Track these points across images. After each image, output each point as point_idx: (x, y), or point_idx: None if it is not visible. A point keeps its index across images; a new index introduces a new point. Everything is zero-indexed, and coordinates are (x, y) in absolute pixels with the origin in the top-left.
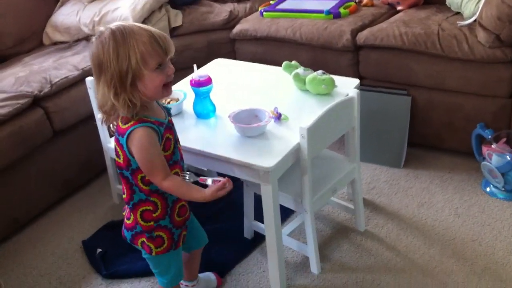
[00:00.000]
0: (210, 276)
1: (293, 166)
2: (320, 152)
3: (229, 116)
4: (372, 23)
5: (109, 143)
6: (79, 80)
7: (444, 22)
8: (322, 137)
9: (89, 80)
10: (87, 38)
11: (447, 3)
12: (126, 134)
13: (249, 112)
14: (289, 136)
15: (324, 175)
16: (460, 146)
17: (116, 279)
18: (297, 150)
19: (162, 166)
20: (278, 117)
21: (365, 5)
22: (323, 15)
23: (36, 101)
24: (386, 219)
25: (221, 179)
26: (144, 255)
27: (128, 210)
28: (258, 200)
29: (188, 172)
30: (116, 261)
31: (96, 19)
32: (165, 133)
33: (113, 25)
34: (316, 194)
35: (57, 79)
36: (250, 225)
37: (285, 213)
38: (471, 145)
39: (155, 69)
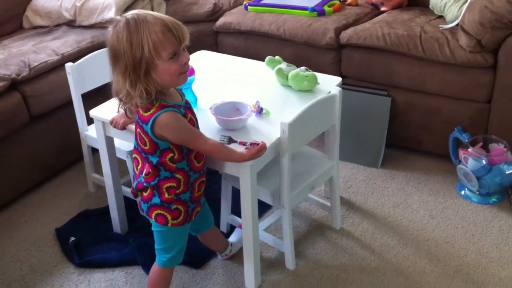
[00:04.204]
0: (239, 234)
1: (272, 161)
2: (300, 149)
3: (210, 108)
4: (356, 22)
5: (87, 131)
6: (58, 65)
7: (426, 25)
8: (303, 133)
9: (69, 65)
10: (68, 23)
11: (430, 6)
12: (151, 122)
13: (231, 105)
14: (270, 131)
15: (302, 172)
16: (437, 149)
17: (88, 268)
18: (277, 145)
19: (198, 133)
20: (260, 111)
21: (350, 4)
22: (307, 12)
23: (14, 84)
24: (361, 218)
25: (259, 142)
26: (156, 227)
27: (145, 186)
28: (235, 194)
29: (225, 136)
30: (89, 250)
31: (78, 4)
32: (187, 114)
33: (128, 14)
34: (294, 190)
35: (36, 63)
36: (226, 218)
37: (262, 208)
38: (448, 148)
39: (169, 58)
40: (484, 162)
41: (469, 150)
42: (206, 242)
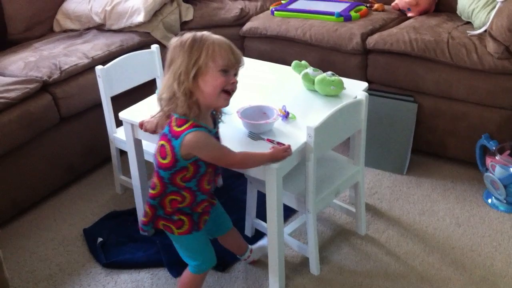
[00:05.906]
0: (263, 242)
1: (297, 165)
2: (325, 153)
3: (237, 112)
4: (382, 27)
5: (115, 133)
6: (88, 68)
7: (454, 31)
8: (329, 138)
9: (99, 68)
10: (97, 27)
11: (457, 12)
12: (181, 137)
13: (257, 109)
14: (296, 135)
15: (328, 176)
16: (463, 155)
17: (115, 269)
18: (303, 149)
19: (226, 149)
20: (286, 115)
21: (376, 10)
22: (333, 17)
23: (45, 86)
24: (387, 225)
25: (285, 143)
26: (171, 236)
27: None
28: (260, 198)
29: (253, 133)
30: (116, 251)
31: (108, 8)
32: None
33: (198, 32)
34: (320, 195)
35: (67, 66)
36: (251, 222)
37: (286, 213)
38: (474, 155)
39: (220, 69)
40: (511, 170)
41: (496, 157)
42: (224, 244)
